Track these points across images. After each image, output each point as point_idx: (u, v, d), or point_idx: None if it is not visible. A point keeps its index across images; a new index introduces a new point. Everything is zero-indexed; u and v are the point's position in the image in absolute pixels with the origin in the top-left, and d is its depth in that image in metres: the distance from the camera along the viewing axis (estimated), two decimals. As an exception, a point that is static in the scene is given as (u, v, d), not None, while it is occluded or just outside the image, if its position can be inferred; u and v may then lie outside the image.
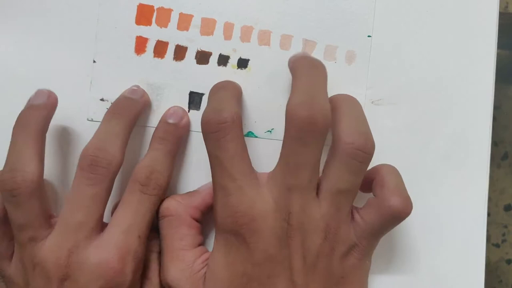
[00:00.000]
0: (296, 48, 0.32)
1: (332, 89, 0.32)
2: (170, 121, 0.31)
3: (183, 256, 0.28)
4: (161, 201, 0.29)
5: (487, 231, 0.33)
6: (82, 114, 0.32)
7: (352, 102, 0.28)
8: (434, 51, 0.32)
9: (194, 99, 0.32)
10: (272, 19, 0.32)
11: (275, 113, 0.32)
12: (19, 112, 0.29)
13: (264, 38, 0.32)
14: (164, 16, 0.32)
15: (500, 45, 0.33)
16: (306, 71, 0.28)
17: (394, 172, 0.28)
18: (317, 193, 0.27)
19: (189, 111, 0.32)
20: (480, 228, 0.32)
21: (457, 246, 0.32)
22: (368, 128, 0.27)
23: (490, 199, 0.33)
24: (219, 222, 0.27)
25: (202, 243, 0.30)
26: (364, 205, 0.28)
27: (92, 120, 0.32)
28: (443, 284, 0.32)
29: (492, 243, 0.40)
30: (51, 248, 0.27)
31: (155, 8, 0.32)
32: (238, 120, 0.27)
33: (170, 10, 0.32)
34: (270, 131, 0.32)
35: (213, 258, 0.27)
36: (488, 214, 0.34)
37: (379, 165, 0.29)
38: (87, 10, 0.32)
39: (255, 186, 0.27)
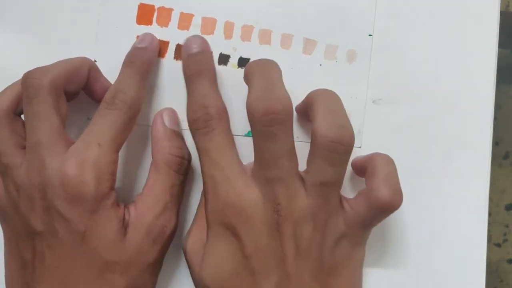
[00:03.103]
0: (296, 47, 0.32)
1: (332, 89, 0.32)
2: (139, 45, 0.31)
3: (204, 230, 0.28)
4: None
5: (488, 231, 0.33)
6: (82, 113, 0.32)
7: (328, 96, 0.28)
8: (435, 51, 0.32)
9: (195, 98, 0.32)
10: (273, 18, 0.32)
11: (276, 112, 0.32)
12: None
13: (265, 37, 0.32)
14: (164, 16, 0.32)
15: (501, 44, 0.33)
16: (257, 71, 0.28)
17: (386, 161, 0.28)
18: (304, 185, 0.27)
19: (189, 110, 0.32)
20: (481, 227, 0.32)
21: (458, 246, 0.32)
22: (345, 120, 0.27)
23: (491, 199, 0.32)
24: (209, 214, 0.27)
25: None
26: (355, 196, 0.28)
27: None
28: (444, 284, 0.32)
29: (493, 243, 0.40)
30: (25, 171, 0.28)
31: (155, 7, 0.32)
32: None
33: (170, 10, 0.32)
34: (271, 131, 0.32)
35: (207, 247, 0.27)
36: (489, 214, 0.34)
37: (374, 153, 0.29)
38: (88, 10, 0.33)
39: (242, 177, 0.27)
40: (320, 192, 0.26)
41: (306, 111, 0.29)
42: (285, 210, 0.26)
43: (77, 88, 0.30)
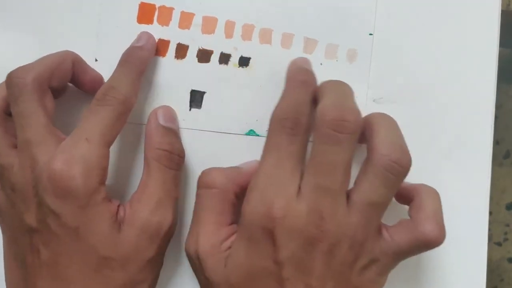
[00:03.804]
0: (297, 47, 0.32)
1: (334, 88, 0.32)
2: (136, 44, 0.31)
3: (218, 231, 0.28)
4: (204, 171, 0.29)
5: (489, 230, 0.33)
6: (82, 112, 0.32)
7: (388, 117, 0.28)
8: (436, 50, 0.32)
9: (196, 97, 0.32)
10: (273, 18, 0.32)
11: (277, 111, 0.32)
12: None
13: (265, 36, 0.32)
14: (165, 15, 0.32)
15: (502, 43, 0.33)
16: (332, 86, 0.28)
17: (434, 196, 0.28)
18: (348, 203, 0.26)
19: (190, 110, 0.32)
20: (481, 227, 0.32)
21: (458, 245, 0.32)
22: (404, 142, 0.27)
23: (491, 198, 0.32)
24: (249, 212, 0.26)
25: (235, 222, 0.29)
26: (396, 224, 0.28)
27: (93, 119, 0.32)
28: (444, 283, 0.32)
29: (493, 242, 0.40)
30: (18, 170, 0.28)
31: (156, 6, 0.32)
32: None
33: (171, 9, 0.32)
34: (272, 130, 0.32)
35: (235, 246, 0.27)
36: (490, 213, 0.34)
37: (421, 185, 0.29)
38: (89, 10, 0.33)
39: (296, 186, 0.26)
40: (365, 212, 0.26)
41: (361, 131, 0.28)
42: (326, 226, 0.25)
43: (63, 83, 0.31)
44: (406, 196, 0.29)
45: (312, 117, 0.27)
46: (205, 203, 0.28)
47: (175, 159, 0.30)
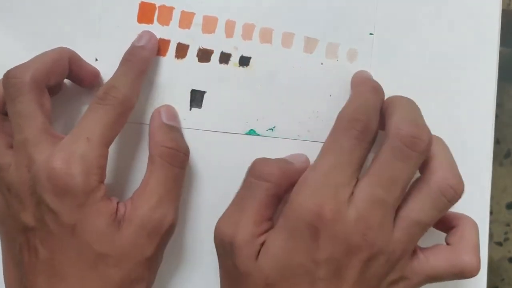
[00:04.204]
0: (297, 46, 0.32)
1: (334, 87, 0.32)
2: (137, 44, 0.31)
3: (260, 224, 0.27)
4: (260, 163, 0.28)
5: (490, 229, 0.33)
6: (82, 108, 0.32)
7: (443, 141, 0.28)
8: (436, 49, 0.32)
9: (196, 97, 0.32)
10: (274, 17, 0.32)
11: (277, 111, 0.32)
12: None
13: (266, 36, 0.32)
14: (165, 14, 0.32)
15: (503, 43, 0.33)
16: (406, 100, 0.28)
17: (476, 228, 0.28)
18: (395, 218, 0.26)
19: (190, 109, 0.32)
20: (482, 226, 0.32)
21: (459, 245, 0.32)
22: (460, 173, 0.27)
23: (492, 198, 0.32)
24: (296, 207, 0.26)
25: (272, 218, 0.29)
26: (432, 247, 0.28)
27: (94, 118, 0.32)
28: (445, 282, 0.32)
29: (494, 242, 0.40)
30: (14, 169, 0.28)
31: (156, 6, 0.32)
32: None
33: (171, 8, 0.32)
34: (272, 129, 0.32)
35: (273, 237, 0.26)
36: (490, 213, 0.34)
37: (463, 215, 0.29)
38: (89, 9, 0.33)
39: (350, 189, 0.26)
40: (410, 230, 0.26)
41: None
42: (371, 237, 0.25)
43: (60, 80, 0.31)
44: (447, 223, 0.29)
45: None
46: (255, 194, 0.27)
47: (180, 156, 0.30)
